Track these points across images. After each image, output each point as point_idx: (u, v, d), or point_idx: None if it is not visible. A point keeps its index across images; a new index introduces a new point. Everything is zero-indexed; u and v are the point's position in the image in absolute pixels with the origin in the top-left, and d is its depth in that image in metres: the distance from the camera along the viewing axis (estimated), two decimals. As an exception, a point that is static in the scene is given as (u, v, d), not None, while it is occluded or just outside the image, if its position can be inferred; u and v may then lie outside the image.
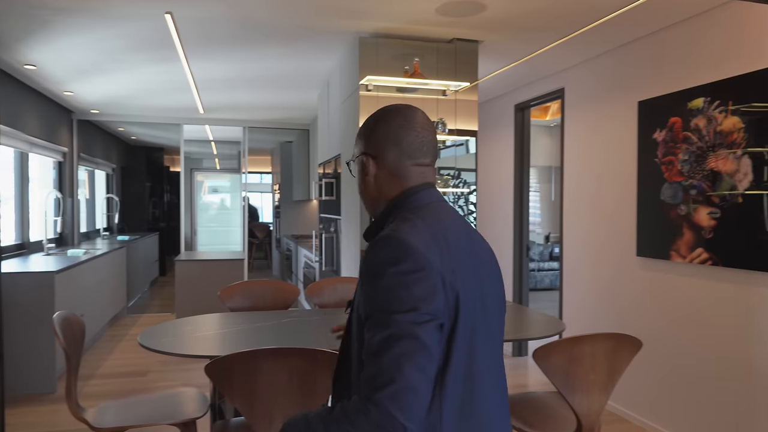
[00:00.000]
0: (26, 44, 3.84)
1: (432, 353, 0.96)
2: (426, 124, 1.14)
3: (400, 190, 1.12)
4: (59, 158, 6.27)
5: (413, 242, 0.99)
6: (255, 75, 4.75)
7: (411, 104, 1.18)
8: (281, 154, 9.54)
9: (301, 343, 2.17)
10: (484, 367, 1.05)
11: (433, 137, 1.15)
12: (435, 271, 0.98)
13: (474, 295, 1.04)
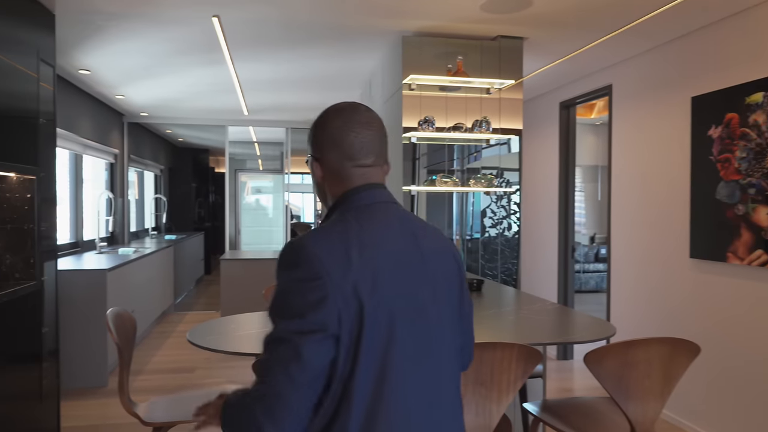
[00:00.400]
0: (81, 50, 3.99)
1: (307, 364, 0.94)
2: (368, 122, 1.10)
3: (341, 191, 1.10)
4: (111, 160, 6.50)
5: (314, 250, 0.97)
6: (298, 76, 4.80)
7: (358, 102, 1.15)
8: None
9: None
10: (407, 382, 1.00)
11: (376, 136, 1.11)
12: (332, 282, 0.95)
13: (394, 306, 0.99)
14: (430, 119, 3.46)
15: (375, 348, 0.97)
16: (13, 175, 2.76)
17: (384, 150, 1.13)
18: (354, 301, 0.96)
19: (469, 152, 3.85)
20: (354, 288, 0.96)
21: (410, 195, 3.67)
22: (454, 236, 3.87)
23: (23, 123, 2.83)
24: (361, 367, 0.96)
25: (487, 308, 2.93)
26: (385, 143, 1.14)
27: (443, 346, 1.07)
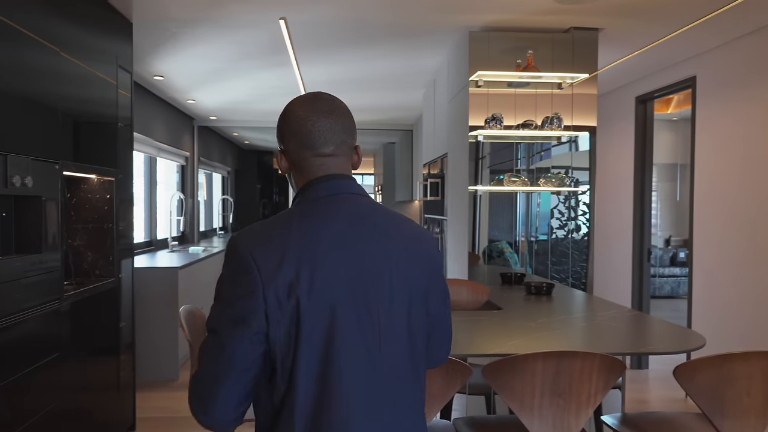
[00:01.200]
0: (156, 56, 4.15)
1: (231, 357, 0.95)
2: (328, 111, 1.07)
3: (303, 182, 1.08)
4: (182, 162, 6.76)
5: (248, 245, 0.98)
6: (361, 76, 4.80)
7: (323, 92, 1.12)
8: (384, 155, 9.62)
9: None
10: (352, 380, 0.97)
11: (337, 124, 1.06)
12: (262, 279, 0.95)
13: (336, 304, 0.97)
14: (497, 116, 3.35)
15: (315, 345, 0.96)
16: (94, 176, 2.88)
17: (348, 139, 1.09)
18: (290, 298, 0.95)
19: (535, 151, 3.71)
20: (289, 285, 0.95)
21: (474, 195, 3.56)
22: (519, 237, 3.73)
23: (103, 127, 2.96)
24: (302, 363, 0.95)
25: (558, 314, 2.79)
26: (351, 131, 1.09)
27: (396, 345, 1.02)
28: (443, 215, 4.42)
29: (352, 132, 1.10)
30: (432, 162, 4.90)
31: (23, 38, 2.12)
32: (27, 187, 2.07)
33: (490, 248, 3.72)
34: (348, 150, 1.09)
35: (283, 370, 0.97)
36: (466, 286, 3.06)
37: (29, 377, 2.13)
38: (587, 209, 3.59)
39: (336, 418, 0.96)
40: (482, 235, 3.68)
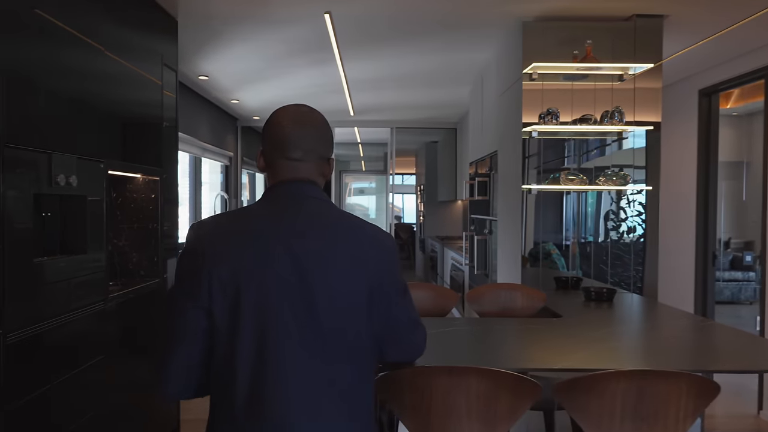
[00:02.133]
0: (201, 56, 4.13)
1: (181, 323, 1.06)
2: (303, 120, 1.16)
3: (272, 182, 1.18)
4: (226, 162, 6.79)
5: (200, 232, 1.11)
6: (405, 73, 4.67)
7: (305, 104, 1.20)
8: (426, 154, 9.46)
9: (470, 356, 1.97)
10: (288, 377, 1.04)
11: (310, 134, 1.16)
12: (205, 262, 1.05)
13: (267, 301, 1.04)
14: (553, 111, 3.16)
15: (250, 338, 1.04)
16: (139, 176, 2.85)
17: (319, 148, 1.17)
18: (231, 285, 1.04)
19: (587, 148, 3.49)
20: (231, 273, 1.04)
21: (527, 194, 3.38)
22: (568, 239, 3.52)
23: (148, 126, 2.93)
24: (239, 353, 1.04)
25: (623, 322, 2.58)
26: (323, 142, 1.18)
27: (333, 345, 1.06)
28: (491, 215, 4.24)
29: (325, 143, 1.18)
30: (480, 160, 4.72)
31: (68, 37, 2.09)
32: (72, 186, 2.03)
33: (536, 250, 3.53)
34: (317, 158, 1.17)
35: (223, 356, 1.05)
36: (521, 291, 2.89)
37: (76, 378, 2.09)
38: (643, 210, 3.36)
39: (270, 413, 1.03)
40: (528, 236, 3.49)
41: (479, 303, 2.84)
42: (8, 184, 1.72)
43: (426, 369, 1.40)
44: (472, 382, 1.39)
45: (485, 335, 2.26)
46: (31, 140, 1.84)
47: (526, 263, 3.46)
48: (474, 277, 4.88)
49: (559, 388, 1.42)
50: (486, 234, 4.41)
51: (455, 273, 6.37)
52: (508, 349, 2.11)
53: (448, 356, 1.95)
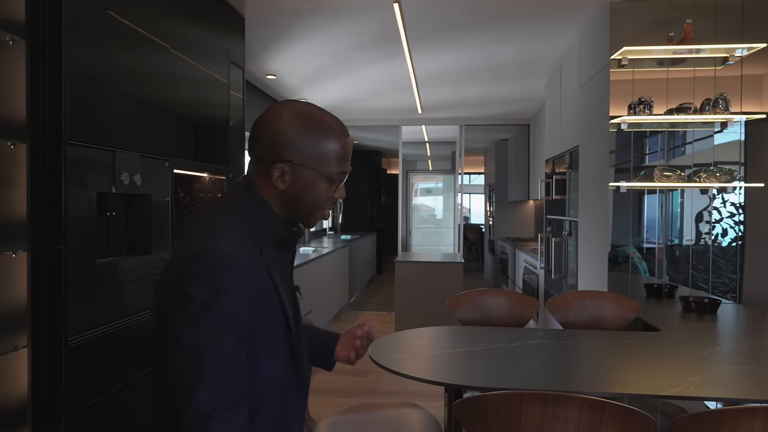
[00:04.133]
0: (268, 54, 4.09)
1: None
2: (265, 115, 1.08)
3: None
4: (293, 162, 6.79)
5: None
6: (476, 65, 4.43)
7: (288, 100, 1.10)
8: (496, 152, 9.13)
9: (558, 377, 1.74)
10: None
11: (255, 130, 1.08)
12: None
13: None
14: (646, 100, 2.84)
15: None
16: (206, 175, 2.80)
17: (254, 145, 1.08)
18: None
19: (676, 143, 3.13)
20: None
21: (617, 192, 3.07)
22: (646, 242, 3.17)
23: (215, 125, 2.88)
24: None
25: (736, 339, 2.24)
26: (261, 142, 1.07)
27: (156, 353, 1.01)
28: (569, 215, 3.93)
29: (263, 144, 1.06)
30: (557, 157, 4.41)
31: (136, 36, 2.04)
32: (136, 185, 1.98)
33: (614, 253, 3.21)
34: (255, 158, 1.08)
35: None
36: (609, 300, 2.61)
37: (141, 382, 2.03)
38: (738, 210, 2.98)
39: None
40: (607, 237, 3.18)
41: (563, 312, 2.58)
42: (70, 182, 1.67)
43: (516, 395, 1.20)
44: (572, 413, 1.17)
45: (572, 350, 2.02)
46: (94, 138, 1.79)
47: (611, 267, 3.16)
48: (550, 282, 4.57)
49: (678, 425, 1.18)
50: (564, 236, 4.10)
51: (528, 277, 6.04)
52: (602, 368, 1.86)
53: (533, 376, 1.73)
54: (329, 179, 1.08)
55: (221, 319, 0.93)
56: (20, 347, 1.62)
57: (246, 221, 1.05)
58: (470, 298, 2.63)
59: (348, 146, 1.10)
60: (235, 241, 0.99)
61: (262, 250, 1.04)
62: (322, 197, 1.10)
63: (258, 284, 1.00)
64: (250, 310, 0.98)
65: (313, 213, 1.11)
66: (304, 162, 1.05)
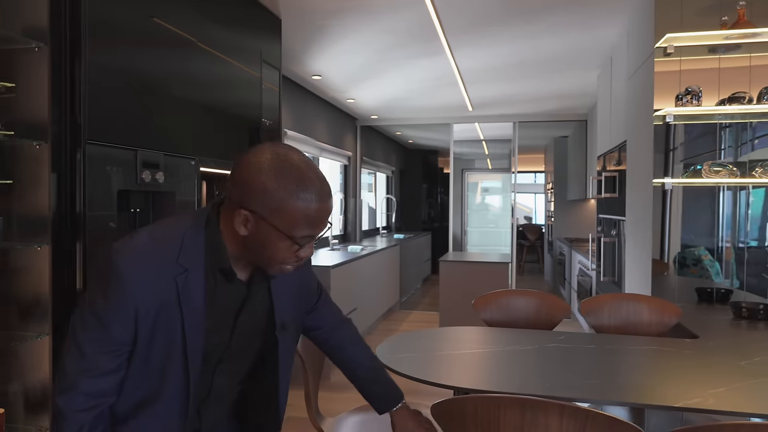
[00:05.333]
0: (310, 55, 4.15)
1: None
2: (247, 156, 1.04)
3: None
4: (345, 162, 6.86)
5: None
6: (523, 60, 4.29)
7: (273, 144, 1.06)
8: (555, 150, 8.83)
9: (569, 381, 1.65)
10: None
11: (236, 168, 1.04)
12: None
13: None
14: (694, 90, 2.65)
15: None
16: (239, 173, 2.88)
17: (230, 186, 1.04)
18: None
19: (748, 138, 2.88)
20: None
21: (663, 191, 2.88)
22: (722, 243, 2.94)
23: (246, 124, 2.94)
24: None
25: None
26: (232, 176, 1.04)
27: None
28: (621, 215, 3.73)
29: (236, 184, 1.02)
30: (608, 153, 4.20)
31: (166, 33, 2.12)
32: (158, 182, 2.06)
33: (683, 255, 2.99)
34: (228, 193, 1.05)
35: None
36: (647, 304, 2.45)
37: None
38: None
39: None
40: (674, 239, 2.98)
41: (596, 315, 2.45)
42: (90, 180, 1.76)
43: (493, 399, 1.14)
44: (552, 422, 1.11)
45: (592, 356, 1.91)
46: (115, 137, 1.88)
47: (666, 270, 2.96)
48: (601, 285, 4.35)
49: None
50: (614, 236, 3.89)
51: (582, 279, 5.80)
52: (617, 375, 1.74)
53: (540, 380, 1.65)
54: (293, 240, 1.02)
55: (95, 317, 1.00)
56: (44, 335, 1.72)
57: (185, 238, 1.04)
58: (496, 299, 2.55)
59: (323, 212, 1.02)
60: (145, 252, 1.01)
61: (186, 271, 1.02)
62: (282, 255, 1.04)
63: (150, 298, 1.00)
64: (130, 321, 1.00)
65: (270, 265, 1.07)
66: (269, 217, 0.99)
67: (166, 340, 1.03)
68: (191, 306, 1.03)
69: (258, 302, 1.15)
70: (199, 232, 1.05)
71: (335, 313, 1.45)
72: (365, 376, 1.38)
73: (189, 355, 1.04)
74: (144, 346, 1.02)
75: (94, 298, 1.01)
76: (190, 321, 1.03)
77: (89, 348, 1.00)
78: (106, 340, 1.00)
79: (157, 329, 1.02)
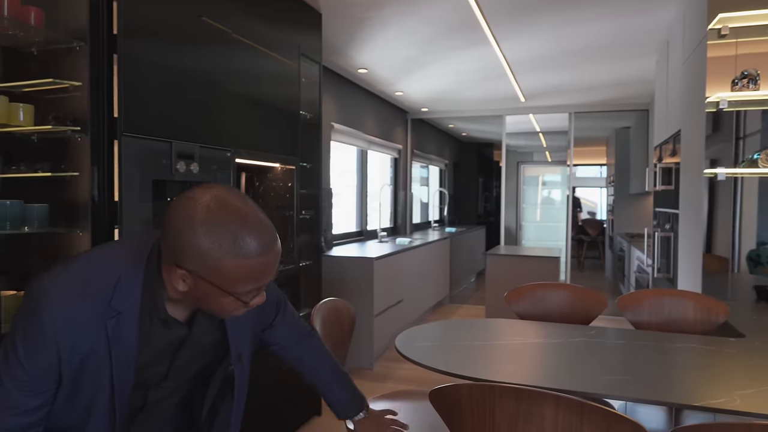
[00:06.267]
0: (354, 48, 4.18)
1: None
2: (174, 209, 0.96)
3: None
4: (395, 155, 6.88)
5: None
6: (573, 47, 4.14)
7: (217, 195, 0.97)
8: (616, 141, 8.47)
9: (588, 378, 1.59)
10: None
11: (165, 220, 0.95)
12: None
13: None
14: (750, 73, 2.47)
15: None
16: (278, 165, 2.96)
17: (160, 228, 0.97)
18: None
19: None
20: None
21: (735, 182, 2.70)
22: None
23: (285, 117, 3.01)
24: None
25: None
26: (162, 228, 0.96)
27: None
28: (675, 208, 3.54)
29: (166, 239, 0.94)
30: (664, 144, 3.99)
31: (200, 25, 2.21)
32: (192, 173, 2.15)
33: (757, 252, 2.80)
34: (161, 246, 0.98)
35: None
36: (694, 301, 2.32)
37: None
38: None
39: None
40: (746, 234, 2.79)
41: (634, 312, 2.34)
42: (126, 170, 1.86)
43: (487, 387, 1.12)
44: (547, 412, 1.08)
45: (619, 352, 1.83)
46: (152, 130, 1.98)
47: (724, 267, 2.79)
48: (657, 282, 4.15)
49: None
50: (668, 230, 3.70)
51: (640, 275, 5.54)
52: (641, 371, 1.66)
53: (555, 374, 1.60)
54: (236, 297, 0.95)
55: (15, 356, 0.93)
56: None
57: (122, 278, 0.97)
58: (530, 292, 2.49)
59: (266, 265, 0.93)
60: (73, 295, 0.94)
61: (119, 314, 0.96)
62: (228, 307, 0.98)
63: (75, 345, 0.93)
64: (51, 367, 0.93)
65: (219, 314, 1.01)
66: (207, 276, 0.92)
67: (93, 380, 0.97)
68: (121, 348, 0.97)
69: (203, 336, 1.09)
70: (137, 272, 0.98)
71: (296, 328, 1.38)
72: (326, 385, 1.34)
73: (116, 393, 0.99)
74: (69, 386, 0.96)
75: (14, 337, 0.94)
76: (120, 364, 0.97)
77: (10, 385, 0.93)
78: (26, 382, 0.93)
79: (84, 371, 0.96)
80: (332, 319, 1.96)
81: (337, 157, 5.24)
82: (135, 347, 0.98)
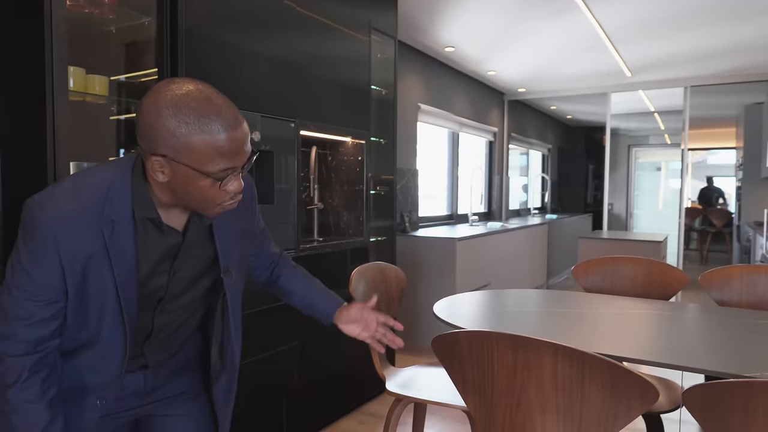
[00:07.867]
0: (436, 24, 4.13)
1: None
2: (143, 100, 0.99)
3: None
4: (490, 138, 6.70)
5: None
6: (683, 8, 3.74)
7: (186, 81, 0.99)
8: (746, 120, 7.55)
9: (624, 341, 1.45)
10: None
11: (137, 114, 0.99)
12: None
13: None
14: None
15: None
16: (349, 140, 3.01)
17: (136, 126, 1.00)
18: None
19: None
20: None
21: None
22: None
23: (356, 93, 3.05)
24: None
25: None
26: (136, 123, 0.99)
27: None
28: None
29: (139, 131, 0.98)
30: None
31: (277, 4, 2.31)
32: (254, 141, 2.25)
33: None
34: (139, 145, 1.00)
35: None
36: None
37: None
38: None
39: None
40: None
41: (721, 290, 2.09)
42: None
43: (484, 335, 1.06)
44: (546, 362, 1.00)
45: (676, 323, 1.64)
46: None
47: None
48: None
49: (691, 393, 0.91)
50: (789, 209, 3.23)
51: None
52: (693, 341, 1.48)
53: (597, 340, 1.48)
54: (211, 176, 0.98)
55: (22, 268, 1.00)
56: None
57: (111, 188, 1.02)
58: (600, 265, 2.31)
59: (234, 141, 0.97)
60: (67, 204, 1.00)
61: (113, 221, 1.01)
62: (210, 194, 1.00)
63: (75, 251, 1.00)
64: (55, 275, 1.00)
65: (204, 207, 1.04)
66: (179, 158, 0.95)
67: (98, 289, 1.03)
68: (121, 256, 1.02)
69: (197, 249, 1.14)
70: (125, 181, 1.03)
71: (274, 253, 1.45)
72: (305, 290, 1.41)
73: (123, 303, 1.04)
74: (76, 296, 1.03)
75: (19, 251, 1.02)
76: (121, 270, 1.03)
77: (20, 295, 1.01)
78: (36, 292, 1.00)
79: (88, 280, 1.02)
80: (377, 283, 1.96)
81: (427, 139, 5.21)
82: (133, 253, 1.03)
